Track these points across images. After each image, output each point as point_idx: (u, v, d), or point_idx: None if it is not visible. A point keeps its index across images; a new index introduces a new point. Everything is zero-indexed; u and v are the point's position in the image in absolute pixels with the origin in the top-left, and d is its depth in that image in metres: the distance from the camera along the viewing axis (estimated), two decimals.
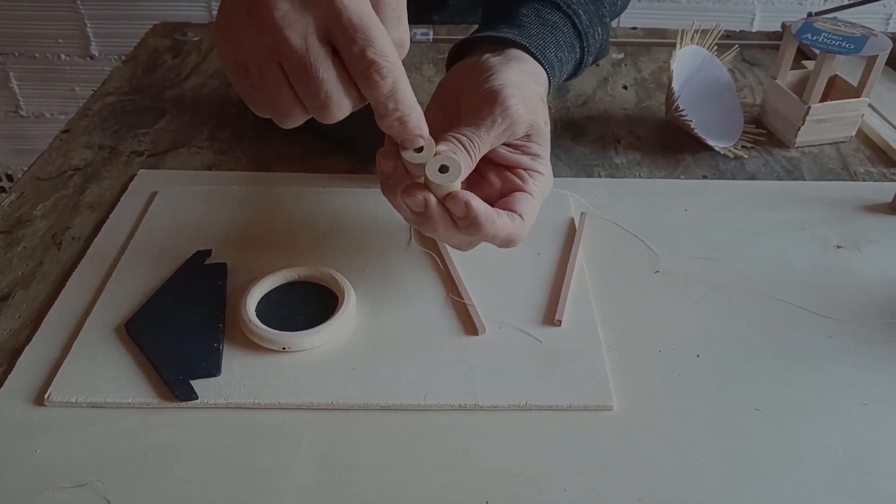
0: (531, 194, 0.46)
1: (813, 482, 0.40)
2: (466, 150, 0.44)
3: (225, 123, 0.71)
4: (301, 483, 0.39)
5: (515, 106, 0.46)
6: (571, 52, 0.57)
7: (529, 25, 0.54)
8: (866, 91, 0.66)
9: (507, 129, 0.46)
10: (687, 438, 0.42)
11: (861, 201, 0.60)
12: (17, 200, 0.60)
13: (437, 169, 0.42)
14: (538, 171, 0.48)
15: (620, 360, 0.46)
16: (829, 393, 0.44)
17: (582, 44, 0.58)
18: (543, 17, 0.55)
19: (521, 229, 0.45)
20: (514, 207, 0.45)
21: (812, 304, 0.50)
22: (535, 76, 0.51)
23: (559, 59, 0.55)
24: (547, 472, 0.40)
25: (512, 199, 0.46)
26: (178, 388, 0.43)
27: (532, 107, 0.47)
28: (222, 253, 0.53)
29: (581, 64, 0.59)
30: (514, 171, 0.48)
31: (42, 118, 1.66)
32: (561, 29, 0.55)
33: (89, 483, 0.39)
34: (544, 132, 0.48)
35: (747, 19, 1.46)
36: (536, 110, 0.48)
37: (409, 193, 0.43)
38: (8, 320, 0.49)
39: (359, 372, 0.45)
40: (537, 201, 0.47)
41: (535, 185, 0.47)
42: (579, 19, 0.57)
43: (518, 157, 0.48)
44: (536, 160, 0.48)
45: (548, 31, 0.54)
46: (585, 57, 0.59)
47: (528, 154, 0.48)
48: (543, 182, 0.48)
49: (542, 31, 0.54)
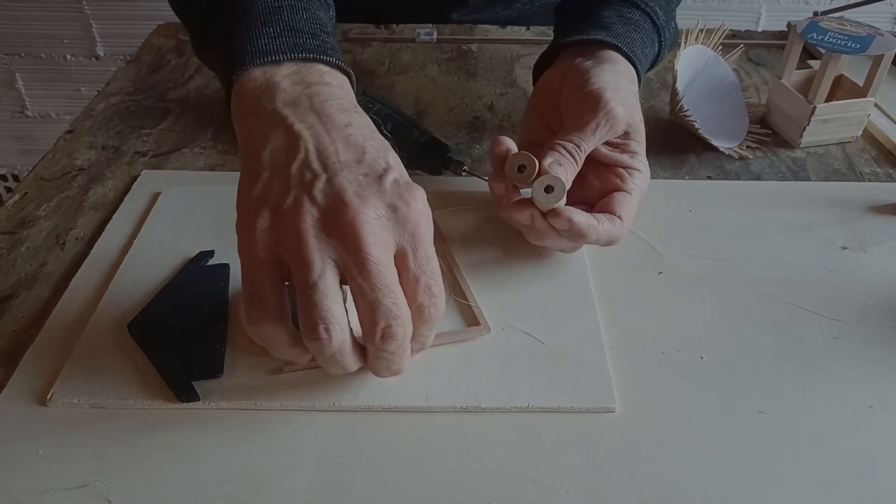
0: (630, 193, 0.50)
1: (817, 484, 0.39)
2: (572, 155, 0.48)
3: (228, 124, 0.70)
4: (302, 484, 0.39)
5: (616, 108, 0.49)
6: (652, 47, 0.59)
7: (614, 26, 0.56)
8: (872, 91, 0.66)
9: (610, 130, 0.49)
10: (690, 440, 0.42)
11: (867, 202, 0.60)
12: (21, 200, 0.60)
13: (543, 189, 0.46)
14: (637, 168, 0.51)
15: (623, 362, 0.46)
16: (834, 395, 0.44)
17: (660, 38, 0.60)
18: (625, 17, 0.57)
19: (622, 230, 0.49)
20: (614, 210, 0.49)
21: (817, 305, 0.50)
22: (628, 75, 0.54)
23: (644, 55, 0.57)
24: (549, 474, 0.40)
25: (612, 202, 0.49)
26: (181, 390, 0.43)
27: (630, 106, 0.51)
28: (225, 254, 0.53)
29: (658, 57, 0.62)
30: (614, 170, 0.51)
31: (48, 118, 1.67)
32: (642, 26, 0.58)
33: (91, 484, 0.39)
34: (641, 129, 0.52)
35: (753, 19, 1.46)
36: (633, 109, 0.51)
37: (518, 210, 0.48)
38: (11, 321, 0.49)
39: (360, 373, 0.45)
40: (636, 199, 0.50)
41: (633, 184, 0.50)
42: (656, 15, 0.59)
43: (618, 155, 0.51)
44: (635, 157, 0.51)
45: (632, 28, 0.57)
46: (662, 50, 0.61)
47: (627, 152, 0.51)
48: (641, 178, 0.51)
49: (627, 30, 0.56)
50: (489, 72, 0.81)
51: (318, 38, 0.45)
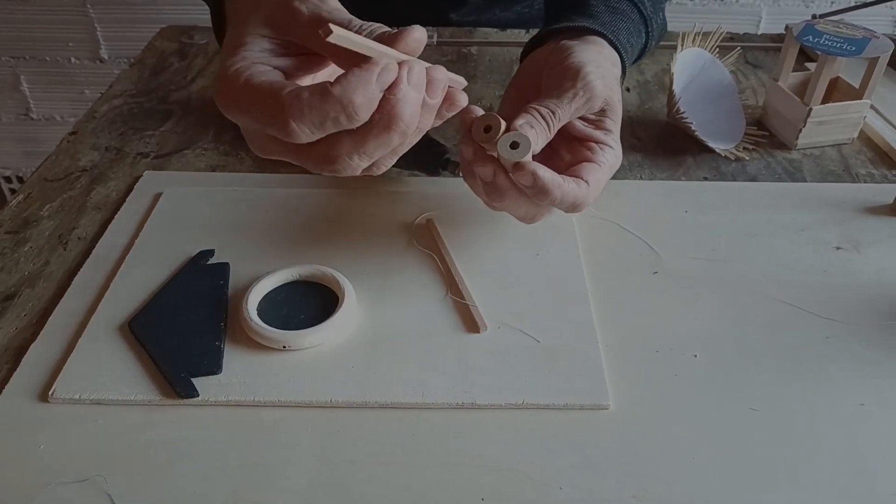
0: (599, 164, 0.49)
1: (808, 482, 0.40)
2: (546, 120, 0.48)
3: (229, 125, 0.71)
4: (300, 479, 0.40)
5: (595, 81, 0.49)
6: (639, 37, 0.60)
7: (601, 14, 0.57)
8: (868, 93, 0.66)
9: (587, 102, 0.49)
10: (682, 437, 0.42)
11: (862, 203, 0.60)
12: (25, 201, 0.61)
13: (509, 145, 0.45)
14: (609, 144, 0.51)
15: (618, 360, 0.47)
16: (826, 393, 0.45)
17: (647, 29, 0.61)
18: (612, 6, 0.58)
19: (587, 194, 0.47)
20: (581, 175, 0.48)
21: (810, 304, 0.51)
22: (611, 59, 0.54)
23: (630, 44, 0.58)
24: (543, 470, 0.40)
25: (579, 168, 0.49)
26: (180, 386, 0.44)
27: (609, 84, 0.51)
28: (225, 252, 0.54)
29: (646, 47, 0.62)
30: (585, 144, 0.51)
31: (52, 121, 1.68)
32: (629, 16, 0.59)
33: (91, 478, 0.39)
34: (618, 110, 0.52)
35: (754, 21, 1.46)
36: (612, 88, 0.51)
37: (480, 165, 0.47)
38: (14, 319, 0.50)
39: (358, 370, 0.45)
40: (604, 171, 0.50)
41: (603, 157, 0.50)
42: (644, 6, 0.60)
43: (591, 130, 0.51)
44: (608, 135, 0.51)
45: (619, 18, 0.57)
46: (650, 41, 0.62)
47: (601, 129, 0.51)
48: (612, 155, 0.51)
49: (614, 19, 0.57)
50: (489, 74, 0.81)
51: None
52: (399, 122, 0.38)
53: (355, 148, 0.39)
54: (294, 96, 0.36)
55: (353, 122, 0.37)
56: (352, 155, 0.39)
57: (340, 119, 0.36)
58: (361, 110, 0.36)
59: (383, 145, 0.39)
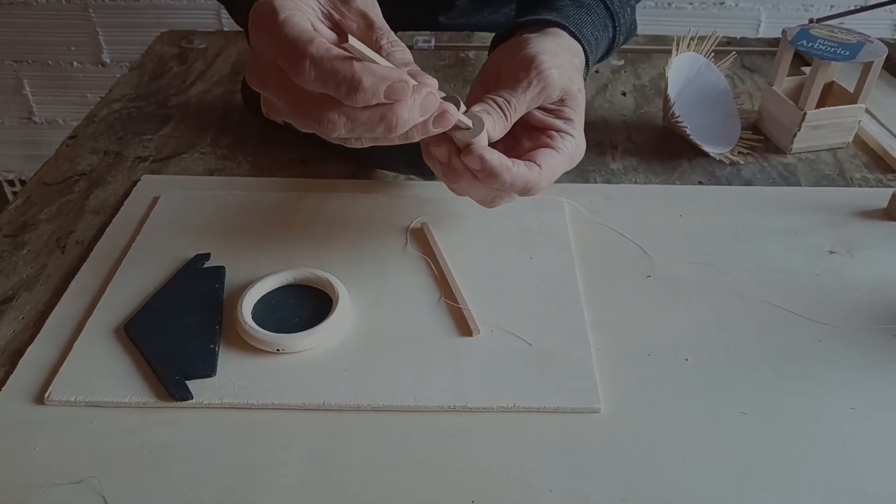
0: (556, 150, 0.50)
1: (798, 484, 0.40)
2: (501, 109, 0.48)
3: (228, 129, 0.72)
4: (292, 481, 0.40)
5: (549, 70, 0.50)
6: (605, 31, 0.60)
7: (565, 8, 0.58)
8: (862, 97, 0.66)
9: (542, 91, 0.49)
10: (673, 440, 0.42)
11: (856, 207, 0.61)
12: (24, 204, 0.62)
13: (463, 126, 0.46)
14: (569, 132, 0.51)
15: (609, 363, 0.47)
16: (817, 396, 0.45)
17: (614, 23, 0.61)
18: (578, 1, 0.59)
19: (539, 178, 0.48)
20: (535, 159, 0.48)
21: (802, 308, 0.51)
22: (571, 49, 0.54)
23: (595, 37, 0.58)
24: (533, 472, 0.40)
25: (534, 153, 0.49)
26: (174, 389, 0.44)
27: (566, 73, 0.51)
28: (221, 256, 0.54)
29: (613, 42, 0.63)
30: (546, 133, 0.51)
31: (54, 124, 1.69)
32: (595, 10, 0.59)
33: (86, 480, 0.40)
34: (578, 99, 0.52)
35: (753, 25, 1.47)
36: (570, 77, 0.51)
37: (436, 145, 0.48)
38: (11, 322, 0.50)
39: (351, 373, 0.46)
40: (561, 158, 0.50)
41: (562, 143, 0.50)
42: (611, 1, 0.60)
43: (551, 120, 0.51)
44: (569, 124, 0.51)
45: (583, 11, 0.58)
46: (617, 36, 0.62)
47: (561, 118, 0.51)
48: (572, 143, 0.51)
49: (578, 13, 0.58)
50: None
51: None
52: (393, 120, 0.40)
53: (345, 117, 0.40)
54: (322, 45, 0.39)
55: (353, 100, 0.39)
56: (339, 120, 0.41)
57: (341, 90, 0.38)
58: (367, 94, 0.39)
59: (370, 129, 0.41)
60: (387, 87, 0.39)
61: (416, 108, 0.41)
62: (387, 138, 0.43)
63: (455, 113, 0.43)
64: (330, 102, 0.40)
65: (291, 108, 0.42)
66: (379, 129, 0.41)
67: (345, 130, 0.41)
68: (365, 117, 0.40)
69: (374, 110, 0.40)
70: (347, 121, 0.40)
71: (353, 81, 0.38)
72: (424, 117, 0.42)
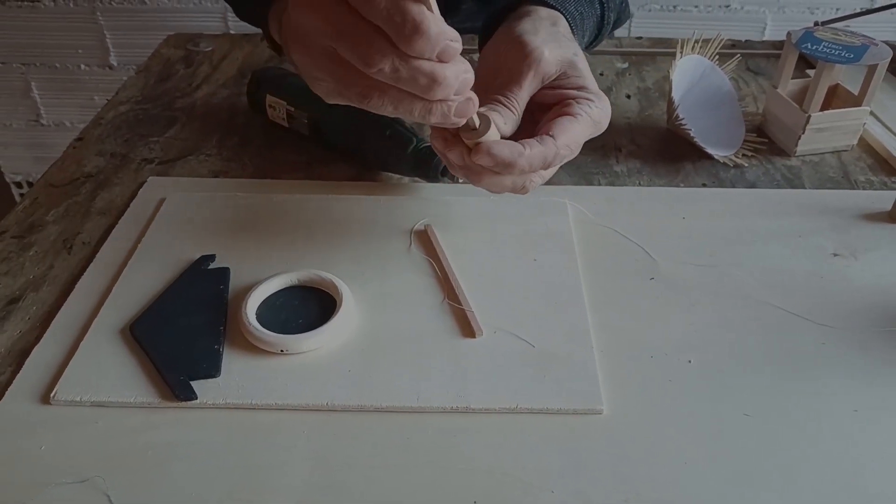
0: (574, 116, 0.48)
1: (801, 486, 0.40)
2: (505, 104, 0.48)
3: (233, 132, 0.73)
4: (296, 481, 0.40)
5: (536, 49, 0.49)
6: (591, 7, 0.60)
7: None
8: (867, 100, 0.66)
9: (537, 71, 0.49)
10: (675, 442, 0.42)
11: (860, 209, 0.61)
12: (31, 206, 0.62)
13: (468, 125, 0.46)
14: (585, 97, 0.50)
15: (612, 365, 0.47)
16: (820, 398, 0.45)
17: (602, 0, 0.61)
18: None
19: (555, 149, 0.47)
20: (549, 130, 0.47)
21: (806, 310, 0.51)
22: (551, 19, 0.53)
23: (580, 12, 0.57)
24: (535, 473, 0.41)
25: (550, 124, 0.48)
26: (179, 389, 0.44)
27: (553, 46, 0.50)
28: (226, 257, 0.55)
29: (603, 20, 0.62)
30: (562, 103, 0.50)
31: (62, 126, 1.70)
32: None
33: (91, 479, 0.40)
34: (578, 64, 0.51)
35: (759, 28, 1.46)
36: (560, 46, 0.51)
37: (449, 149, 0.47)
38: (18, 322, 0.51)
39: (354, 374, 0.46)
40: (580, 122, 0.48)
41: (580, 108, 0.49)
42: None
43: (561, 92, 0.50)
44: (581, 90, 0.50)
45: None
46: (607, 13, 0.62)
47: (570, 87, 0.50)
48: (590, 105, 0.49)
49: None
50: None
51: None
52: (438, 80, 0.39)
53: (393, 63, 0.39)
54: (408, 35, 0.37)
55: (411, 43, 0.38)
56: (385, 64, 0.39)
57: (405, 29, 0.37)
58: (428, 42, 0.38)
59: (412, 83, 0.40)
60: (443, 45, 0.38)
61: (458, 80, 0.40)
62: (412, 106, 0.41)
63: (476, 104, 0.43)
64: (381, 43, 0.38)
65: (338, 39, 0.40)
66: (419, 84, 0.39)
67: (389, 71, 0.39)
68: (412, 67, 0.39)
69: (421, 64, 0.39)
70: (393, 68, 0.39)
71: (419, 24, 0.37)
72: (459, 95, 0.41)
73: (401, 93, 0.40)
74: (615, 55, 0.87)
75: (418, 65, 0.39)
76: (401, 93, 0.40)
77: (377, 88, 0.40)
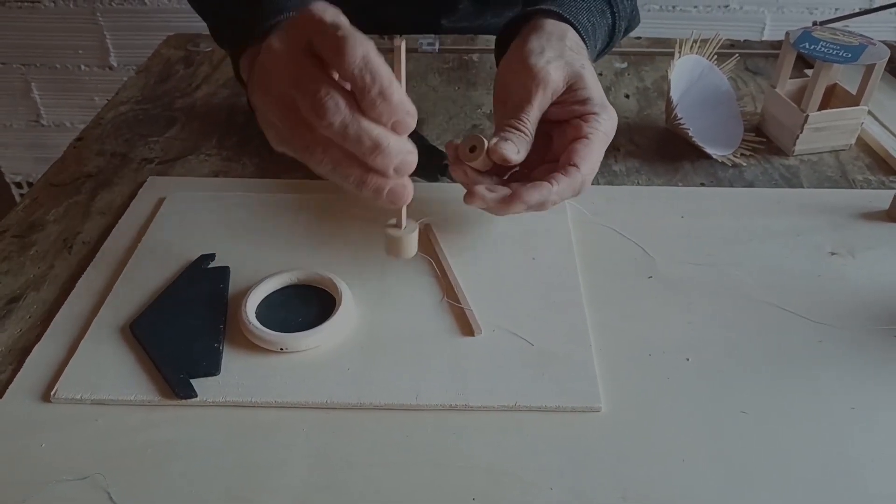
0: (587, 138, 0.51)
1: (798, 484, 0.40)
2: (517, 129, 0.51)
3: (233, 132, 0.73)
4: (295, 479, 0.40)
5: (543, 69, 0.51)
6: (603, 17, 0.61)
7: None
8: (865, 99, 0.67)
9: (545, 93, 0.51)
10: (672, 439, 0.42)
11: (858, 208, 0.61)
12: (31, 205, 0.62)
13: (468, 150, 0.49)
14: (591, 112, 0.52)
15: (610, 363, 0.47)
16: (817, 396, 0.45)
17: (613, 10, 0.62)
18: None
19: (580, 177, 0.50)
20: (571, 160, 0.50)
21: (803, 309, 0.51)
22: (559, 34, 0.55)
23: (591, 23, 0.59)
24: (534, 471, 0.41)
25: (569, 152, 0.50)
26: (179, 387, 0.45)
27: (561, 62, 0.52)
28: (225, 256, 0.55)
29: (614, 28, 0.63)
30: (571, 122, 0.52)
31: (62, 127, 1.70)
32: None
33: (91, 476, 0.40)
34: (585, 77, 0.52)
35: (758, 28, 1.47)
36: (567, 62, 0.52)
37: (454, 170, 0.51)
38: (19, 321, 0.51)
39: (353, 372, 0.46)
40: (595, 142, 0.51)
41: (589, 128, 0.51)
42: None
43: (570, 108, 0.52)
44: (587, 104, 0.52)
45: None
46: (617, 21, 0.63)
47: (577, 103, 0.52)
48: (598, 120, 0.51)
49: (574, 0, 0.58)
50: (489, 81, 0.82)
51: None
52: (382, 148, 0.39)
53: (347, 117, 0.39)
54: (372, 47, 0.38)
55: (373, 103, 0.38)
56: (338, 115, 0.39)
57: (373, 89, 0.38)
58: (391, 105, 0.38)
59: (357, 143, 0.39)
60: (401, 116, 0.39)
61: (400, 154, 0.40)
62: (349, 171, 0.41)
63: (411, 193, 0.43)
64: (338, 98, 0.39)
65: (297, 87, 0.40)
66: (363, 145, 0.39)
67: (338, 127, 0.39)
68: (361, 127, 0.39)
69: (371, 126, 0.39)
70: (342, 124, 0.39)
71: (386, 88, 0.38)
72: (397, 174, 0.41)
73: (342, 154, 0.40)
74: (614, 55, 0.87)
75: (368, 126, 0.39)
76: (342, 154, 0.40)
77: (321, 144, 0.41)
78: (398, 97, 0.39)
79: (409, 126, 0.40)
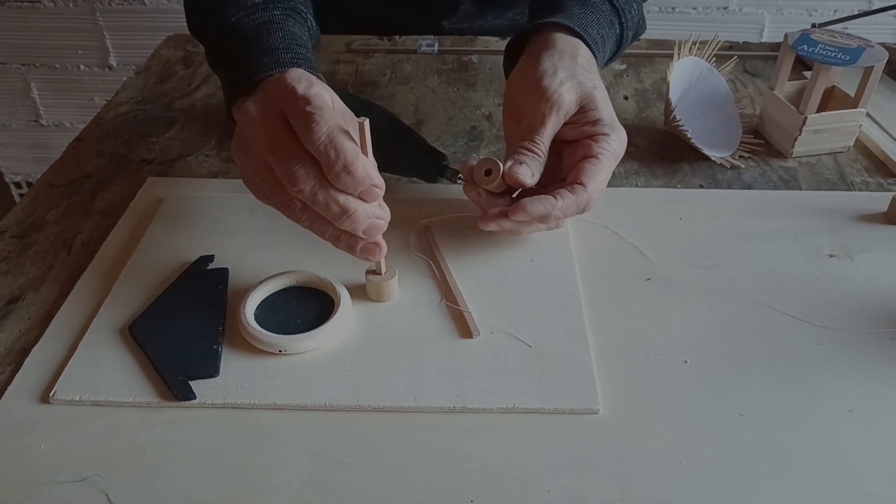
0: (596, 157, 0.52)
1: (796, 486, 0.40)
2: (530, 150, 0.51)
3: (232, 132, 0.73)
4: (293, 480, 0.40)
5: (557, 92, 0.51)
6: (611, 28, 0.61)
7: (570, 8, 0.59)
8: (863, 102, 0.67)
9: (558, 113, 0.52)
10: (670, 441, 0.43)
11: (856, 211, 0.61)
12: (31, 206, 0.62)
13: (484, 174, 0.51)
14: (602, 132, 0.52)
15: (609, 365, 0.47)
16: (815, 399, 0.45)
17: (621, 20, 0.62)
18: (583, 1, 0.60)
19: (586, 195, 0.51)
20: (577, 178, 0.51)
21: (801, 311, 0.51)
22: (572, 52, 0.55)
23: (601, 35, 0.59)
24: (531, 472, 0.41)
25: (577, 170, 0.51)
26: (178, 388, 0.45)
27: (574, 83, 0.52)
28: (224, 258, 0.55)
29: (622, 38, 0.64)
30: (581, 142, 0.53)
31: (61, 127, 1.70)
32: (600, 7, 0.60)
33: (90, 478, 0.40)
34: (596, 96, 0.53)
35: (757, 30, 1.47)
36: (579, 82, 0.53)
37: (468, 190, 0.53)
38: (18, 321, 0.51)
39: (352, 374, 0.46)
40: (604, 161, 0.52)
41: (599, 147, 0.52)
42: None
43: (581, 128, 0.53)
44: (598, 125, 0.53)
45: (588, 10, 0.59)
46: (625, 32, 0.63)
47: (587, 123, 0.53)
48: (608, 140, 0.52)
49: (583, 12, 0.58)
50: (488, 83, 0.82)
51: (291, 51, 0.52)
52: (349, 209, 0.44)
53: (316, 181, 0.44)
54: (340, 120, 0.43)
55: (338, 176, 0.43)
56: (308, 181, 0.44)
57: (338, 163, 0.42)
58: (354, 178, 0.43)
59: (326, 206, 0.44)
60: (366, 187, 0.43)
61: (368, 219, 0.45)
62: (324, 228, 0.46)
63: (384, 251, 0.47)
64: (308, 167, 0.44)
65: (271, 155, 0.45)
66: (332, 211, 0.44)
67: (308, 193, 0.44)
68: (329, 195, 0.44)
69: (338, 195, 0.44)
70: (312, 191, 0.43)
71: (349, 164, 0.42)
72: (368, 235, 0.46)
73: (317, 213, 0.45)
74: None
75: (335, 195, 0.44)
76: (317, 213, 0.45)
77: (298, 203, 0.45)
78: (362, 171, 0.43)
79: (375, 195, 0.44)
